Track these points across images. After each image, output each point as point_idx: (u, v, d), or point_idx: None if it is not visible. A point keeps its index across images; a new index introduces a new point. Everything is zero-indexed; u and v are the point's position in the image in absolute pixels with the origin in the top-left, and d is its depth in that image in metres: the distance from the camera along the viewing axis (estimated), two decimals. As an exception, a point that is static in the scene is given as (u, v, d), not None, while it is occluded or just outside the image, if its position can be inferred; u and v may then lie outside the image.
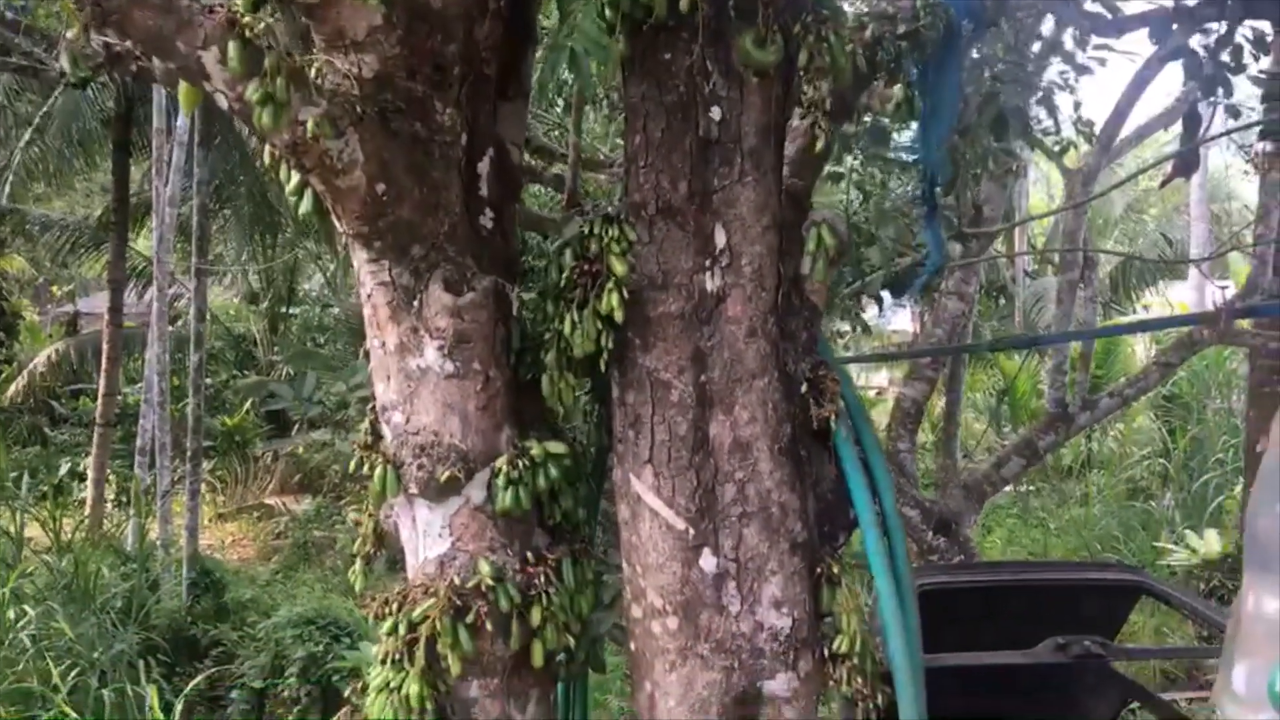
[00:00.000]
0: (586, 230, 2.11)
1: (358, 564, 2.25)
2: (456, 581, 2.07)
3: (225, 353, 20.08)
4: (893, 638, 2.14)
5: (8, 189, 14.99)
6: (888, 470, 2.23)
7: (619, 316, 2.06)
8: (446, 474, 2.08)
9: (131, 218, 15.05)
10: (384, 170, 1.94)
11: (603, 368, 2.13)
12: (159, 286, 12.53)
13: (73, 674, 8.82)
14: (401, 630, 2.04)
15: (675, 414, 2.10)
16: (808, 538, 2.16)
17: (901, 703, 2.14)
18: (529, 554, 2.17)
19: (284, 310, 19.90)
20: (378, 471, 2.11)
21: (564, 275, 2.12)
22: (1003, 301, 15.31)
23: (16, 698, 8.41)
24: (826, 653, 2.15)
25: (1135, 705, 9.02)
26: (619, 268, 2.07)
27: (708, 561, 2.11)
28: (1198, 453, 15.01)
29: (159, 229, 12.11)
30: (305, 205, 2.04)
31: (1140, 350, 18.59)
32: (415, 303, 2.08)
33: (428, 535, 2.15)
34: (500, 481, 2.12)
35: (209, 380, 18.15)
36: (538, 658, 2.11)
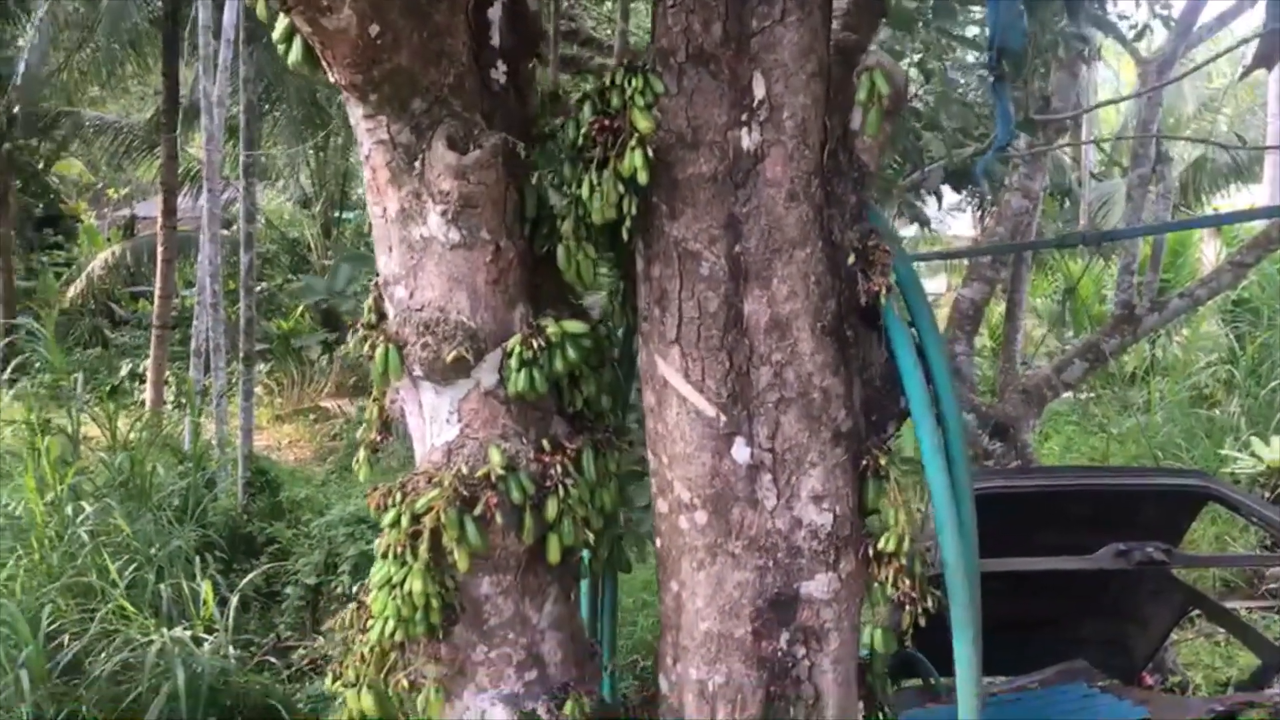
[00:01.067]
0: (607, 81, 1.88)
1: (361, 453, 2.08)
2: (464, 471, 1.89)
3: (279, 257, 20.11)
4: (946, 537, 1.93)
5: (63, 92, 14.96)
6: (945, 353, 2.00)
7: (643, 178, 1.84)
8: (453, 354, 1.89)
9: (183, 120, 14.95)
10: (376, 9, 1.72)
11: (625, 237, 1.91)
12: (209, 187, 12.45)
13: (130, 569, 8.94)
14: (404, 523, 1.87)
15: (705, 289, 1.88)
16: (852, 427, 1.95)
17: (954, 607, 1.94)
18: (545, 443, 1.98)
19: (337, 215, 19.83)
20: (379, 351, 1.92)
21: (581, 132, 1.89)
22: (1067, 205, 14.79)
23: (76, 591, 8.55)
24: (870, 552, 1.95)
25: (1196, 613, 8.83)
26: (643, 123, 1.84)
27: (740, 452, 1.90)
28: (1266, 358, 14.57)
29: (208, 128, 11.99)
30: (295, 54, 1.83)
31: (1210, 254, 17.99)
32: (417, 164, 1.86)
33: (435, 422, 1.97)
34: (513, 363, 1.93)
35: (263, 284, 18.20)
36: (554, 553, 1.94)
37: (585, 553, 2.20)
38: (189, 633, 8.22)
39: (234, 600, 8.74)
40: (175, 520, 9.99)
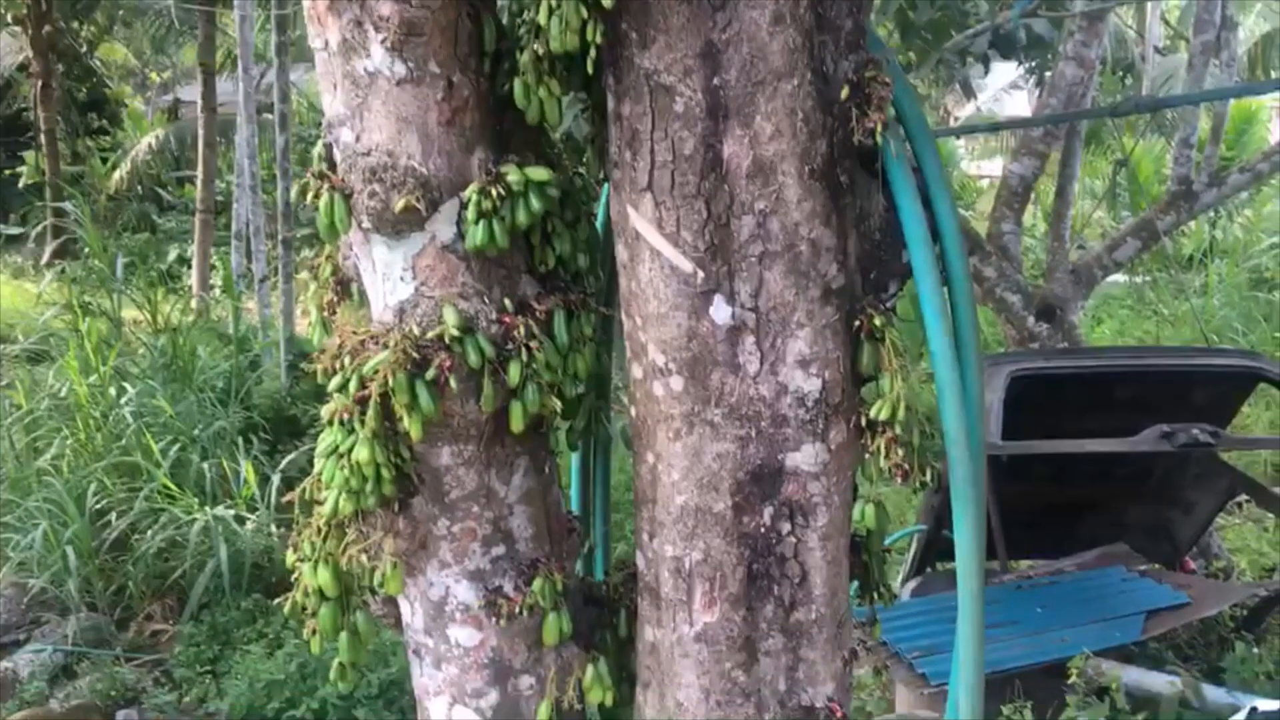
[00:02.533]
0: (568, -112, 1.65)
1: (314, 314, 1.92)
2: (415, 332, 1.73)
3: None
4: (947, 406, 1.75)
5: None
6: (953, 203, 1.80)
7: (608, 1, 1.63)
8: (403, 203, 1.71)
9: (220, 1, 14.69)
10: None
11: (591, 69, 1.70)
12: (243, 67, 12.27)
13: (174, 449, 9.07)
14: (351, 387, 1.72)
15: (680, 128, 1.68)
16: (845, 284, 1.76)
17: (954, 484, 1.78)
18: (509, 303, 1.81)
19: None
20: (323, 201, 1.75)
21: (540, -52, 1.68)
22: (1129, 81, 14.16)
23: (122, 470, 8.67)
24: (863, 421, 1.78)
25: (1243, 499, 8.62)
26: (608, -64, 1.62)
27: (720, 311, 1.72)
28: (1331, 239, 14.11)
29: (240, 7, 11.78)
30: None
31: (1277, 130, 17.27)
32: (357, -13, 1.67)
33: (388, 279, 1.80)
34: (470, 214, 1.75)
35: (304, 168, 18.07)
36: (517, 422, 1.78)
37: (565, 424, 2.06)
38: (232, 511, 8.35)
39: (276, 480, 8.84)
40: (218, 402, 10.09)
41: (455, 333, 1.72)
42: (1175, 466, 7.16)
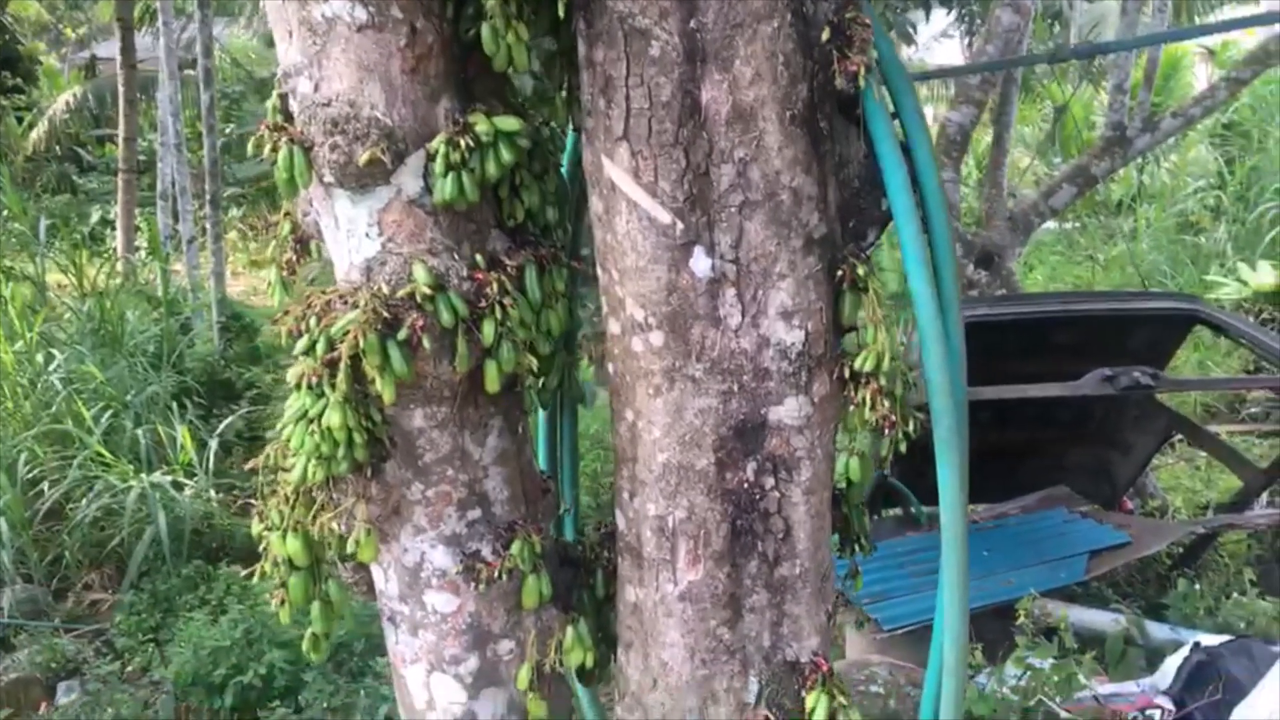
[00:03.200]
0: None
1: (273, 273, 1.84)
2: (385, 290, 1.66)
3: (247, 97, 19.42)
4: (930, 354, 1.72)
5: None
6: (931, 149, 1.76)
7: (579, -59, 1.56)
8: (367, 155, 1.63)
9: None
10: None
11: (562, 12, 1.63)
12: (164, 20, 11.89)
13: (106, 416, 8.86)
14: (319, 349, 1.65)
15: (656, 74, 1.62)
16: (827, 233, 1.72)
17: (938, 431, 1.75)
18: (480, 259, 1.75)
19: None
20: (282, 154, 1.66)
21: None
22: (1057, 28, 14.26)
23: (53, 438, 8.45)
24: (846, 373, 1.75)
25: (1177, 438, 8.81)
26: (578, -128, 1.55)
27: (700, 263, 1.68)
28: (1254, 183, 14.42)
29: (157, -44, 11.38)
30: None
31: (1203, 76, 17.53)
32: (312, -73, 1.58)
33: (352, 236, 1.73)
34: (438, 166, 1.67)
35: (230, 125, 17.62)
36: (492, 382, 1.73)
37: (538, 382, 2.01)
38: (169, 478, 8.18)
39: (213, 445, 8.67)
40: (150, 367, 9.87)
41: (427, 290, 1.65)
42: (1114, 409, 7.30)
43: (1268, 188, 13.93)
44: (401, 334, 1.63)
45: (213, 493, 8.21)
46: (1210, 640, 5.40)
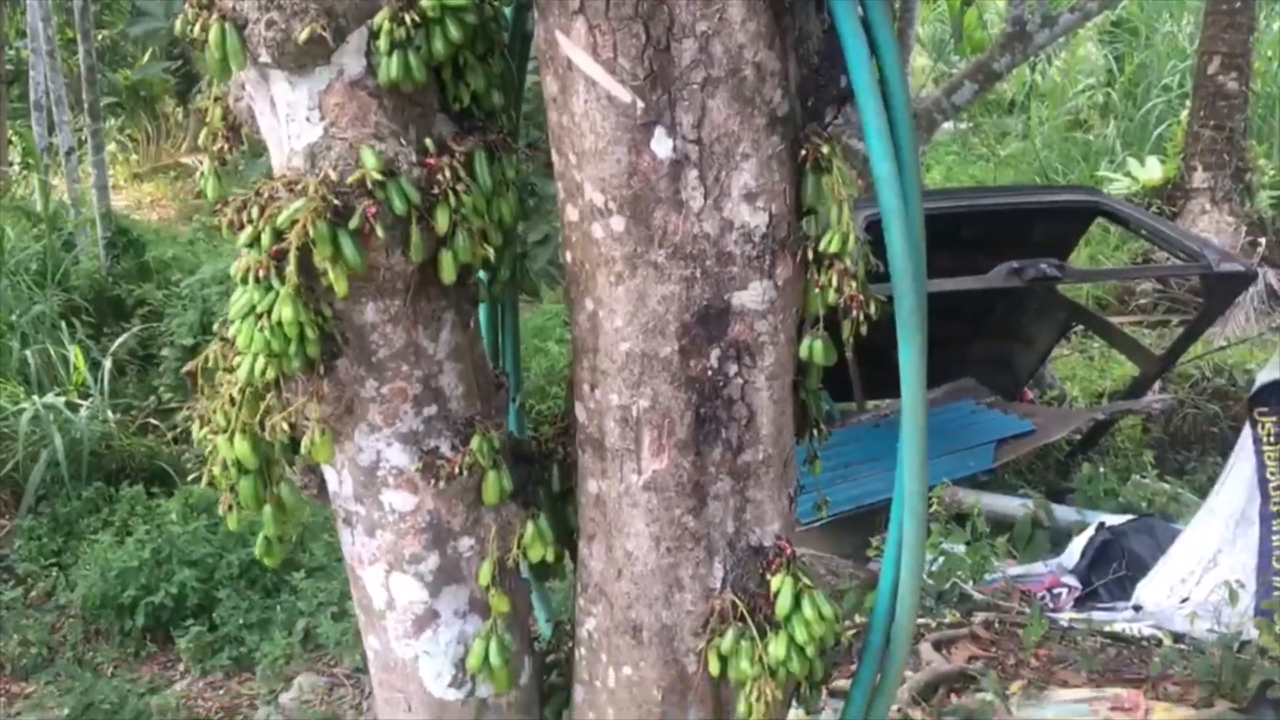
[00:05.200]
0: None
1: (206, 164, 1.73)
2: (333, 177, 1.57)
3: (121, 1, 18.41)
4: (893, 232, 1.70)
5: None
6: (891, 24, 1.72)
7: None
8: (306, 31, 1.53)
9: None
10: None
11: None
12: (26, -85, 11.15)
13: (-10, 337, 8.47)
14: (265, 240, 1.56)
15: (614, -58, 1.54)
16: (789, 111, 1.67)
17: (900, 312, 1.74)
18: (429, 144, 1.67)
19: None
20: (213, 33, 1.55)
21: None
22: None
23: (-65, 361, 8.08)
24: (810, 255, 1.72)
25: (1078, 329, 9.08)
26: None
27: (661, 144, 1.62)
28: (1142, 79, 14.74)
29: None
30: None
31: (1101, -29, 17.68)
32: None
33: (292, 121, 1.63)
34: (382, 44, 1.58)
35: (104, 31, 16.70)
36: (448, 272, 1.66)
37: (483, 275, 1.94)
38: (63, 399, 7.89)
39: (107, 364, 8.39)
40: (34, 285, 9.46)
41: (377, 176, 1.57)
42: (1017, 302, 7.48)
43: (1155, 84, 14.26)
44: (353, 222, 1.55)
45: (109, 413, 7.96)
46: (1114, 520, 5.64)
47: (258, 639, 5.84)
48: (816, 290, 1.72)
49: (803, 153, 1.68)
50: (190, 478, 6.70)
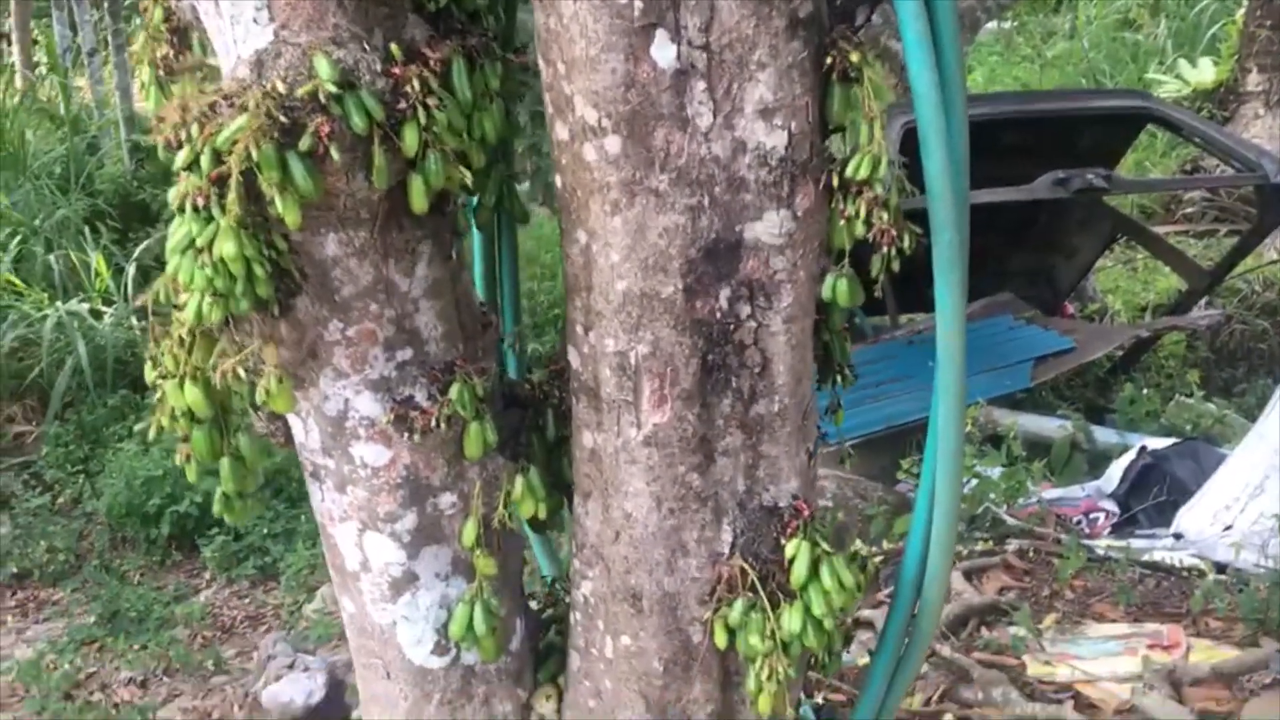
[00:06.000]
0: None
1: (145, 72, 1.52)
2: (281, 89, 1.35)
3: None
4: (931, 149, 1.47)
5: None
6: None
7: None
8: (247, -83, 1.31)
9: None
10: None
11: None
12: None
13: (14, 243, 8.42)
14: (205, 164, 1.35)
15: None
16: (813, 11, 1.43)
17: (938, 242, 1.52)
18: (397, 51, 1.44)
19: None
20: (140, -84, 1.33)
21: None
22: None
23: (-38, 274, 8.02)
24: (835, 181, 1.49)
25: (1122, 240, 8.74)
26: None
27: (663, 51, 1.39)
28: (1196, -25, 14.11)
29: None
30: None
31: None
32: None
33: (238, 24, 1.40)
34: (339, -70, 1.36)
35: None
36: (418, 200, 1.45)
37: (472, 200, 1.73)
38: (86, 305, 7.81)
39: (131, 270, 8.27)
40: (58, 190, 9.35)
41: (332, 88, 1.35)
42: (1060, 212, 7.15)
43: (1208, -18, 13.62)
44: (304, 143, 1.34)
45: (134, 320, 7.87)
46: (1157, 444, 5.42)
47: (282, 549, 5.82)
48: (842, 221, 1.50)
49: (829, 61, 1.44)
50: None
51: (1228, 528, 4.69)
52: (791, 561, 1.60)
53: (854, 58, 1.42)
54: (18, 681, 4.84)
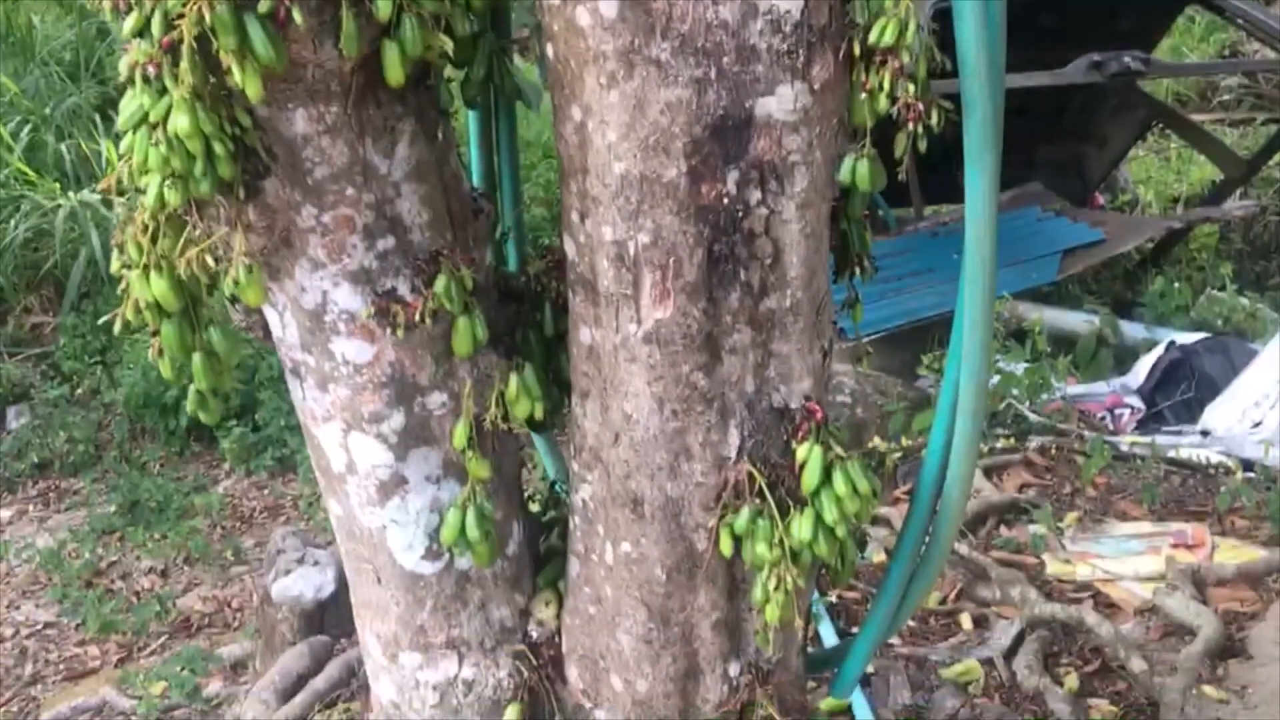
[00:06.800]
0: None
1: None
2: (237, -58, 1.21)
3: None
4: (966, 24, 1.32)
5: None
6: None
7: None
8: None
9: None
10: None
11: None
12: None
13: (25, 131, 8.29)
14: (155, 29, 1.21)
15: None
16: None
17: (969, 125, 1.38)
18: (369, -101, 1.29)
19: None
20: None
21: None
22: None
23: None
24: (856, 49, 1.35)
25: (1155, 128, 8.45)
26: None
27: (665, -101, 1.24)
28: None
29: None
30: None
31: None
32: None
33: None
34: None
35: None
36: (394, 71, 1.31)
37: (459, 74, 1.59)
38: (99, 195, 7.70)
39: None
40: (68, 77, 9.16)
41: (294, -56, 1.21)
42: (1093, 99, 6.89)
43: None
44: (263, 5, 1.20)
45: (142, 207, 7.76)
46: (1186, 339, 5.27)
47: (299, 441, 5.79)
48: (864, 95, 1.35)
49: (851, -89, 1.29)
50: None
51: (1257, 424, 4.58)
52: (803, 466, 1.49)
53: (880, -92, 1.27)
54: (40, 569, 4.89)
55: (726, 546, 1.52)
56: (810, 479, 1.48)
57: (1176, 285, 5.87)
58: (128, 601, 4.62)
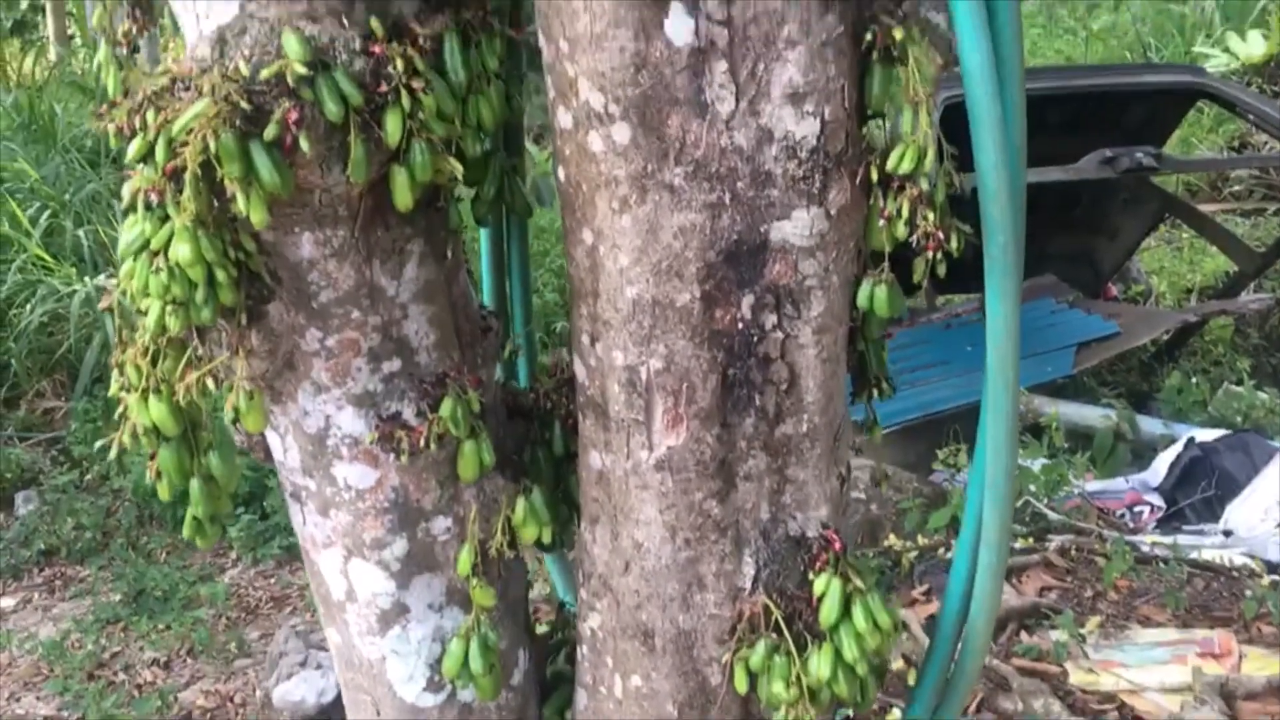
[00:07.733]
0: None
1: (102, 51, 1.37)
2: (243, 70, 1.19)
3: None
4: (985, 138, 1.29)
5: None
6: None
7: None
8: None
9: None
10: None
11: None
12: None
13: (44, 217, 8.38)
14: (160, 155, 1.20)
15: None
16: (850, -18, 1.26)
17: (989, 246, 1.35)
18: (377, 27, 1.27)
19: None
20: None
21: None
22: None
23: (-11, 243, 7.99)
24: (874, 175, 1.32)
25: (1167, 219, 8.44)
26: None
27: (679, 26, 1.22)
28: (1245, -55, 13.69)
29: None
30: None
31: None
32: None
33: (202, -4, 1.25)
34: (311, -111, 1.19)
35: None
36: (402, 196, 1.29)
37: (469, 193, 1.57)
38: (114, 281, 7.75)
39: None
40: (88, 164, 9.30)
41: (302, 70, 1.19)
42: (1105, 192, 6.91)
43: (1259, -49, 13.19)
44: (269, 132, 1.18)
45: (158, 298, 7.79)
46: (1205, 435, 5.20)
47: (307, 530, 5.73)
48: (882, 221, 1.32)
49: (868, 38, 1.26)
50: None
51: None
52: (820, 599, 1.43)
53: (897, 34, 1.24)
54: (43, 660, 4.81)
55: (742, 683, 1.45)
56: (829, 613, 1.42)
57: (1194, 380, 5.81)
58: (129, 695, 4.54)
